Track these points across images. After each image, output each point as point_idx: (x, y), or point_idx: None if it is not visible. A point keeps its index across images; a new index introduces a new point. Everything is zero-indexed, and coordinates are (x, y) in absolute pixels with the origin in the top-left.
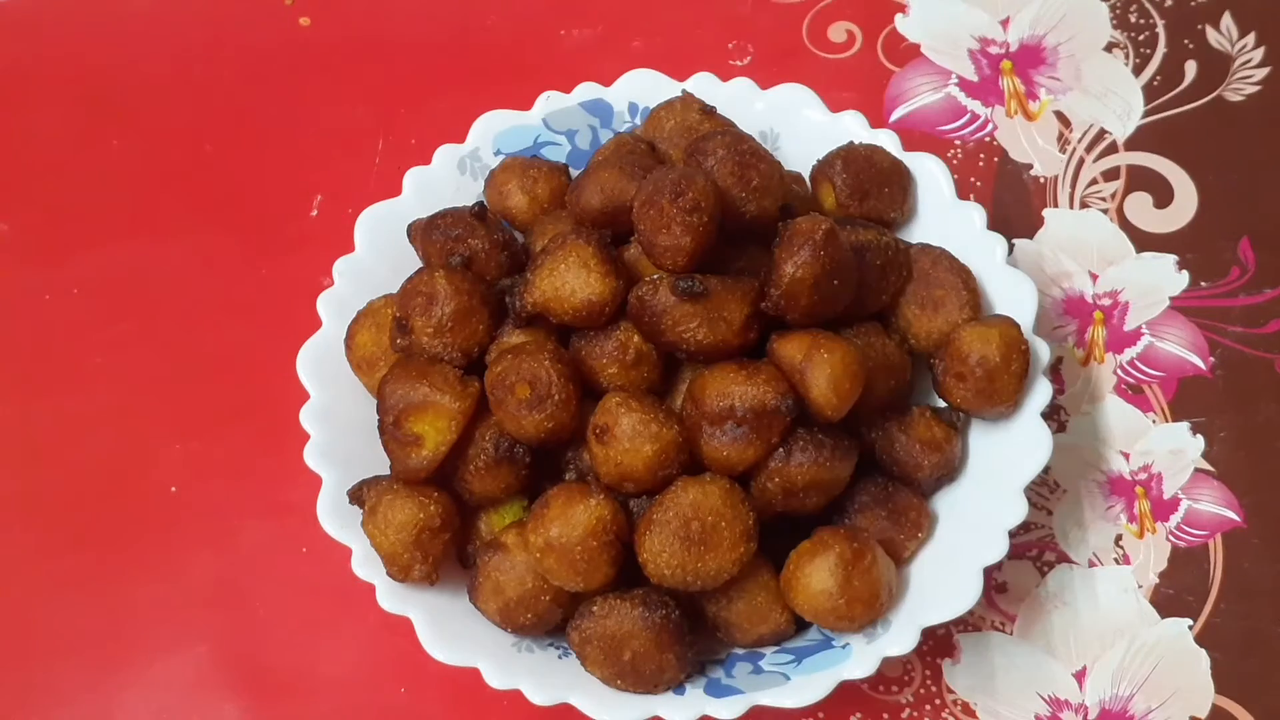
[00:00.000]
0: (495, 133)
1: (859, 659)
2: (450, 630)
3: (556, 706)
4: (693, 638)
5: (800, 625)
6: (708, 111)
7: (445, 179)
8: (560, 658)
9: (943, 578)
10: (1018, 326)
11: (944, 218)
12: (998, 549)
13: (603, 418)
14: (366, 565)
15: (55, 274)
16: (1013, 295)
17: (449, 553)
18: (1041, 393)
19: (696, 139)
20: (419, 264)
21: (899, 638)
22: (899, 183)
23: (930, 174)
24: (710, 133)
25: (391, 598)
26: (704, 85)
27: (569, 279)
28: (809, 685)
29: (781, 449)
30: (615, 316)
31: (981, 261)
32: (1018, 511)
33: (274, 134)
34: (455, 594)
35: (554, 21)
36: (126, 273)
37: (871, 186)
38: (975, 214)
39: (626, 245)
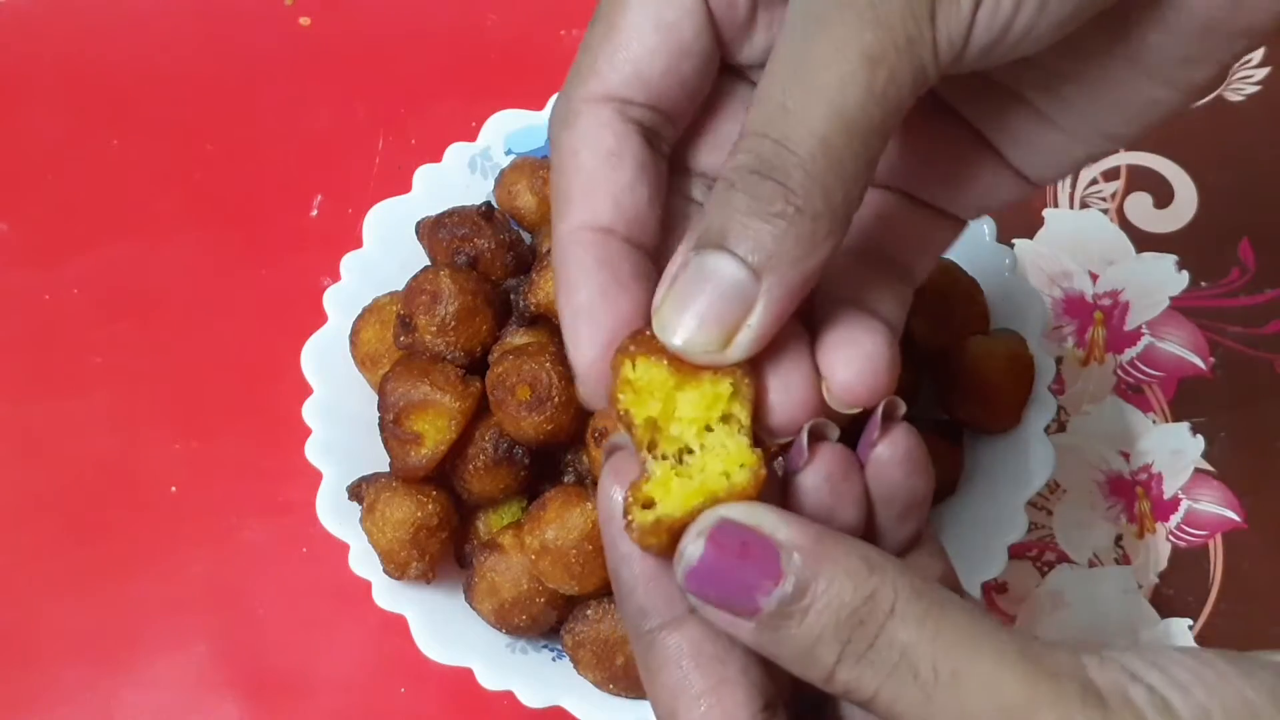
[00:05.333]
0: (507, 132)
1: None
2: (445, 629)
3: (550, 709)
4: None
5: None
6: None
7: (455, 177)
8: (554, 660)
9: None
10: (1023, 342)
11: None
12: (997, 565)
13: (602, 421)
14: (364, 562)
15: (55, 273)
16: (1020, 309)
17: (446, 552)
18: (1045, 409)
19: None
20: (427, 261)
21: None
22: None
23: None
24: None
25: (387, 595)
26: None
27: None
28: None
29: (780, 458)
30: None
31: (990, 274)
32: (1018, 528)
33: (274, 134)
34: (451, 593)
35: (554, 21)
36: (126, 272)
37: None
38: (985, 226)
39: None
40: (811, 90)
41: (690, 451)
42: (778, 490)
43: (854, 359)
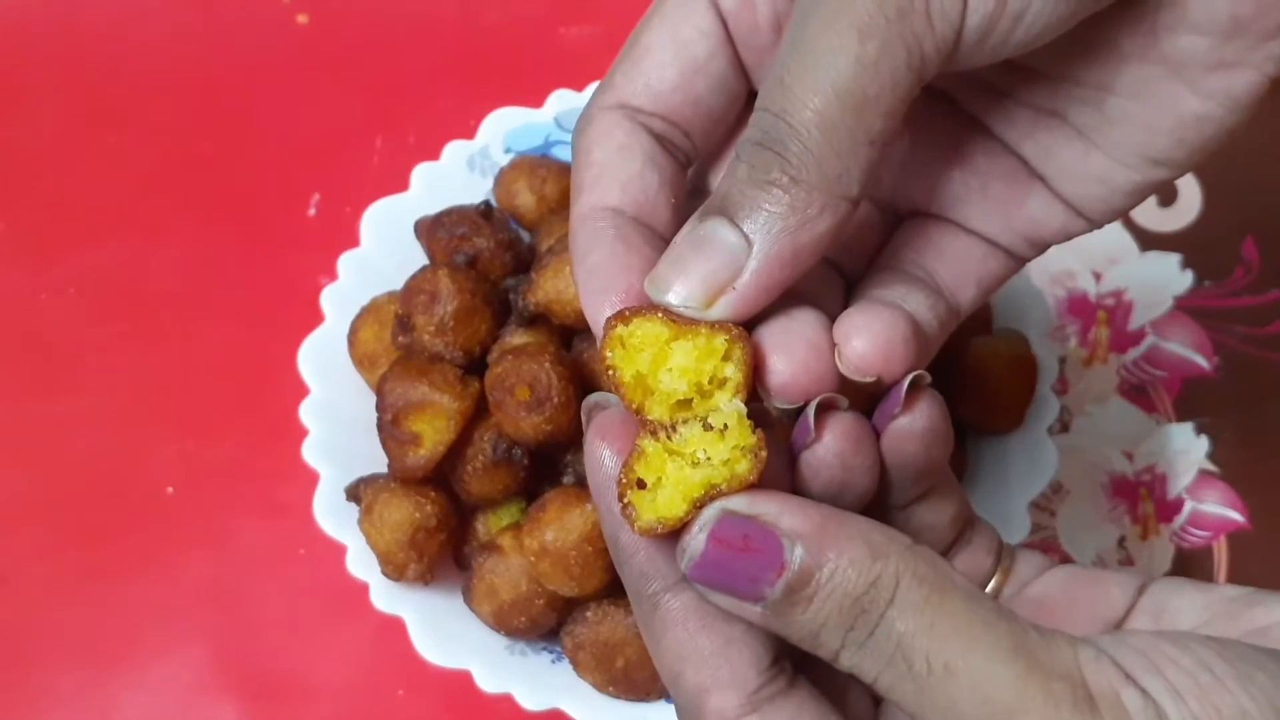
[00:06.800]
0: (506, 130)
1: None
2: (443, 631)
3: (549, 712)
4: None
5: None
6: None
7: (454, 176)
8: (553, 662)
9: None
10: (1026, 342)
11: None
12: None
13: None
14: (361, 563)
15: (51, 273)
16: (1023, 309)
17: (445, 553)
18: (1048, 409)
19: None
20: (425, 261)
21: None
22: None
23: None
24: None
25: (385, 597)
26: None
27: (572, 282)
28: None
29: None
30: None
31: None
32: (1021, 529)
33: (271, 132)
34: (450, 595)
35: (553, 19)
36: (122, 272)
37: None
38: None
39: None
40: (805, 64)
41: (685, 405)
42: (788, 462)
43: (869, 325)
